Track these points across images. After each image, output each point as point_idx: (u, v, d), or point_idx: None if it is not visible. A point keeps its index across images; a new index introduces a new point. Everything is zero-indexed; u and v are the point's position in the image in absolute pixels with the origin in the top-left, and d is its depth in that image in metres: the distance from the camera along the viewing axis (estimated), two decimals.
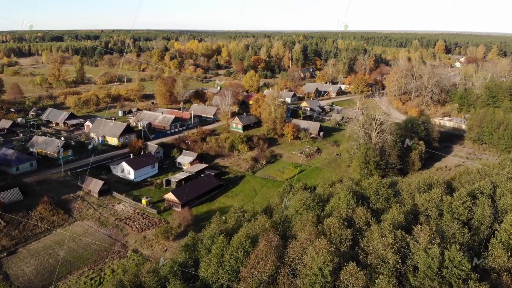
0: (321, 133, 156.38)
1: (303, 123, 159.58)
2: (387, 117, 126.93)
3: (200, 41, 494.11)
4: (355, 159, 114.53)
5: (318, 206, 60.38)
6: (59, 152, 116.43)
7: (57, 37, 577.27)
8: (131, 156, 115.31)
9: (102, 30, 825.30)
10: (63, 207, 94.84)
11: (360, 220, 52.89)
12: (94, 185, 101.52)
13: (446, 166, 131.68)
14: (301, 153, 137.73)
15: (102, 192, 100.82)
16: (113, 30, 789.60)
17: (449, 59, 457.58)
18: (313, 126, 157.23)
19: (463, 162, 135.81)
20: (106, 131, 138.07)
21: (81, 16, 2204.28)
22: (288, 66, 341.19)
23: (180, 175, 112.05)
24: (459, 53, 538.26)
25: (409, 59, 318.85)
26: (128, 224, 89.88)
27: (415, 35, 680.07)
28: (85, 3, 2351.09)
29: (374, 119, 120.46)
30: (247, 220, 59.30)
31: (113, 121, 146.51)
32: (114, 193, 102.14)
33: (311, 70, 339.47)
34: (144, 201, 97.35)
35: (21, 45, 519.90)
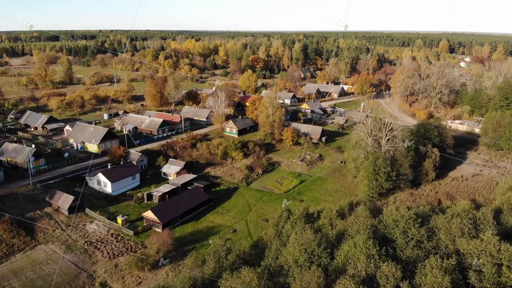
0: (323, 138, 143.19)
1: (304, 127, 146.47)
2: (395, 121, 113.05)
3: (197, 40, 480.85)
4: (363, 169, 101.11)
5: (325, 253, 45.58)
6: (29, 161, 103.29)
7: (53, 36, 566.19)
8: (109, 166, 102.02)
9: (100, 30, 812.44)
10: (26, 227, 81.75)
11: (386, 282, 38.22)
12: (64, 200, 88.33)
13: (462, 176, 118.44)
14: (301, 160, 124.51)
15: (72, 209, 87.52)
16: (112, 31, 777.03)
17: (454, 58, 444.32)
18: (314, 130, 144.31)
19: (480, 170, 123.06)
20: (86, 137, 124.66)
21: (81, 16, 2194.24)
22: (288, 66, 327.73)
23: (164, 188, 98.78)
24: (463, 53, 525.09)
25: (414, 59, 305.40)
26: (99, 249, 76.78)
27: (417, 35, 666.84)
28: (85, 3, 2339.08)
29: (384, 123, 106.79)
30: (230, 265, 45.08)
31: (93, 125, 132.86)
32: (87, 210, 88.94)
33: (311, 70, 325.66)
34: (119, 220, 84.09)
35: (15, 45, 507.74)
